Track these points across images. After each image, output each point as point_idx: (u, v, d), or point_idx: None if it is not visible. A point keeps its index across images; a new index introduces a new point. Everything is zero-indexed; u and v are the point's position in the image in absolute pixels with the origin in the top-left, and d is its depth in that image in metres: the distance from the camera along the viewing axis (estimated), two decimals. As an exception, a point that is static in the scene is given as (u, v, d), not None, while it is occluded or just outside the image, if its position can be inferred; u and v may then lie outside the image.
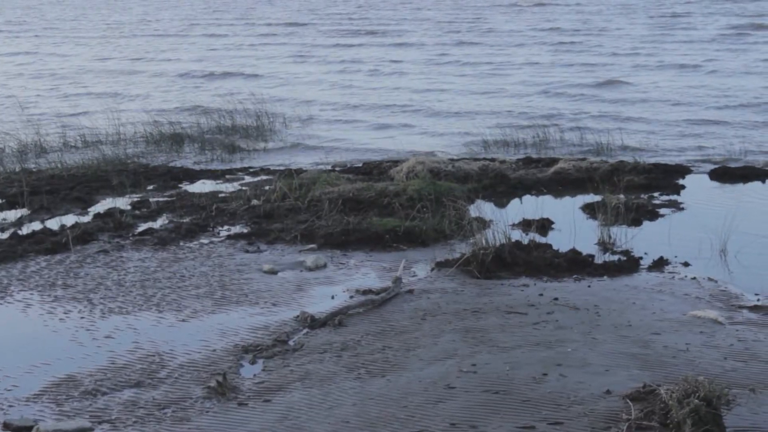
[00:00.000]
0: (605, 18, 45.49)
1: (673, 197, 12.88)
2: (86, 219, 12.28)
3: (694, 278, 9.29)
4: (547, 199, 13.13)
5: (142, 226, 11.80)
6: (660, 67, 27.45)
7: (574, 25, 41.79)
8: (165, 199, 13.39)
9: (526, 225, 11.30)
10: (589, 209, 12.00)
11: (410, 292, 9.03)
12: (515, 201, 13.11)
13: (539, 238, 10.68)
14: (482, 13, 51.90)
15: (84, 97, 26.12)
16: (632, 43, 33.79)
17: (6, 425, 6.34)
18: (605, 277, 9.44)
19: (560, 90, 24.06)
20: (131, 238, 11.23)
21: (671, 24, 40.94)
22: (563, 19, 45.61)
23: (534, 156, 15.88)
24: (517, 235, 10.73)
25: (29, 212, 12.78)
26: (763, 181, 13.86)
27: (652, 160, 15.04)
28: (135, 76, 30.79)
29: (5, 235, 11.44)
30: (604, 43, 34.25)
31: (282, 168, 15.50)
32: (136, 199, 13.36)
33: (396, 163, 15.04)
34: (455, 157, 15.66)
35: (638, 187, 13.30)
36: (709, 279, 9.28)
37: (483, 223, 10.87)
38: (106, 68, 33.10)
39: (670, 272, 9.54)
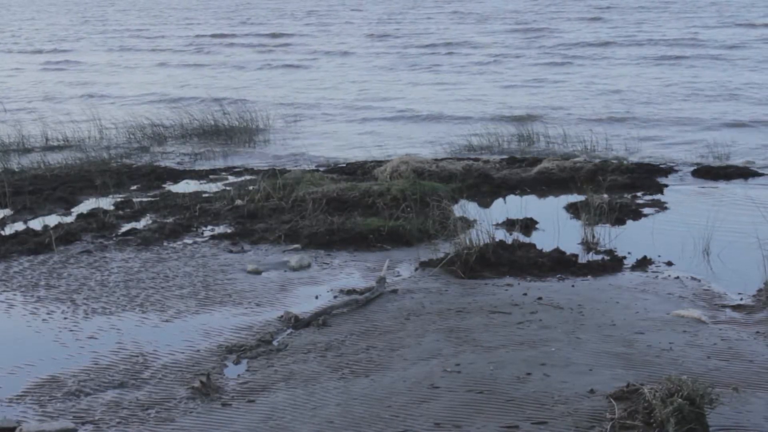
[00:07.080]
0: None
1: (657, 197, 12.92)
2: (69, 219, 12.23)
3: (678, 277, 9.32)
4: (531, 199, 13.15)
5: (126, 227, 11.76)
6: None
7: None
8: (148, 199, 13.35)
9: (510, 225, 11.31)
10: (573, 209, 12.02)
11: (394, 292, 9.03)
12: (499, 201, 13.12)
13: (523, 238, 10.70)
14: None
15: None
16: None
17: (-11, 426, 6.32)
18: (589, 276, 9.45)
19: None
20: (115, 239, 11.19)
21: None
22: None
23: (518, 156, 15.91)
24: (501, 234, 10.75)
25: (12, 212, 12.73)
26: (746, 180, 13.93)
27: (636, 160, 15.12)
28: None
29: (-12, 236, 11.39)
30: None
31: (266, 167, 15.48)
32: (119, 200, 13.31)
33: (380, 162, 15.04)
34: (439, 157, 15.67)
35: (622, 186, 13.34)
36: (693, 278, 9.31)
37: (467, 223, 10.88)
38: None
39: (653, 271, 9.56)
